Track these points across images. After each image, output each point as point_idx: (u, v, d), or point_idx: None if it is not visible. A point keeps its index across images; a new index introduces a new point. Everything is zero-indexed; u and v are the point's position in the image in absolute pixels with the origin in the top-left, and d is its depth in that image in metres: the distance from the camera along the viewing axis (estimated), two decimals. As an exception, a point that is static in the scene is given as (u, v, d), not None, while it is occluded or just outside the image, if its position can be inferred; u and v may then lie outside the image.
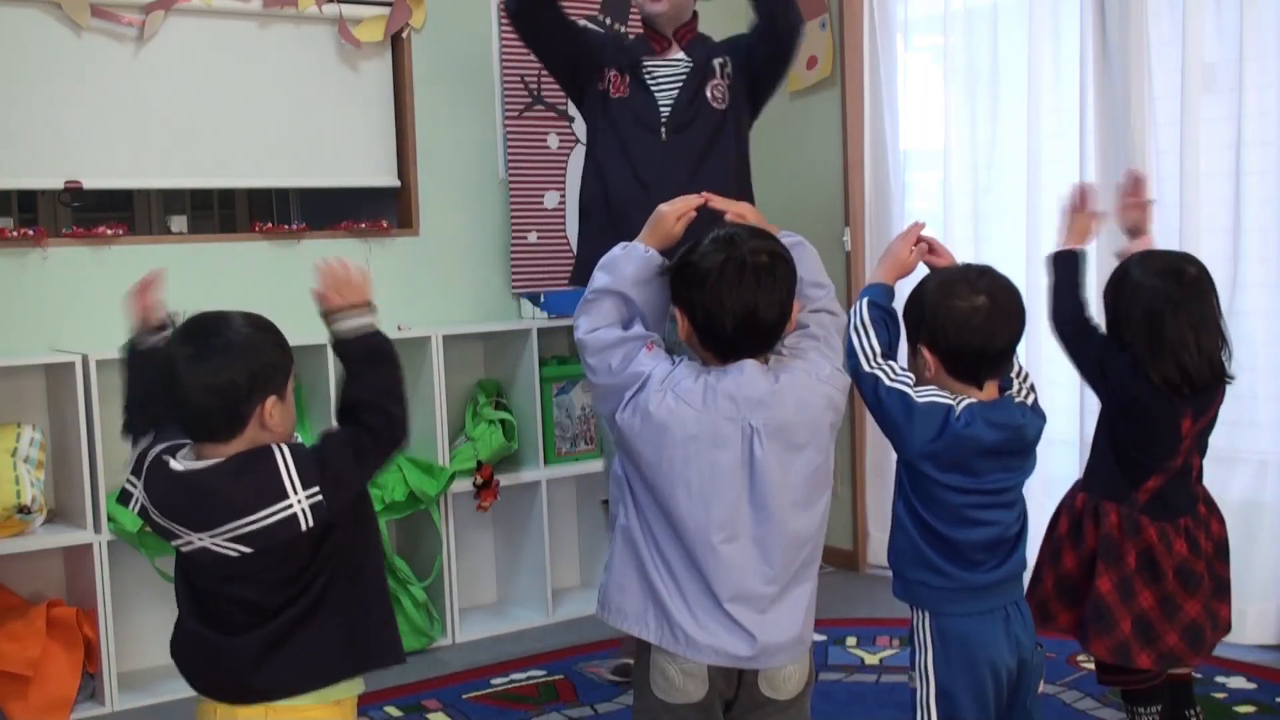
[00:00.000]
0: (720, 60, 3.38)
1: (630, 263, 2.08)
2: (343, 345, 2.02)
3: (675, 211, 2.13)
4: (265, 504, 1.86)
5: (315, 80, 3.82)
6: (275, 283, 3.71)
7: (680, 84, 3.35)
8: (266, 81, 3.75)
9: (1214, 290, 2.40)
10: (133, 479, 1.96)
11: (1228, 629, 2.51)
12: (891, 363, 2.16)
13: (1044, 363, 3.67)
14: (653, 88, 3.35)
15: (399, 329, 3.82)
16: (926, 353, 2.15)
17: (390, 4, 3.88)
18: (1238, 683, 3.11)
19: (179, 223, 3.97)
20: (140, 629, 3.48)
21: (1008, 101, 3.90)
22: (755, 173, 4.59)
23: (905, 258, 2.29)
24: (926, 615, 2.17)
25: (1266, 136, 3.35)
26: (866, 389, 2.16)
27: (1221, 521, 2.51)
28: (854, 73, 4.23)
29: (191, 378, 1.87)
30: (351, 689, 2.00)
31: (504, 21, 4.05)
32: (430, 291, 3.99)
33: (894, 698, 3.15)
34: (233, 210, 4.99)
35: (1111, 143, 3.58)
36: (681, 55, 3.39)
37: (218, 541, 1.87)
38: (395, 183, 3.97)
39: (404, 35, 3.92)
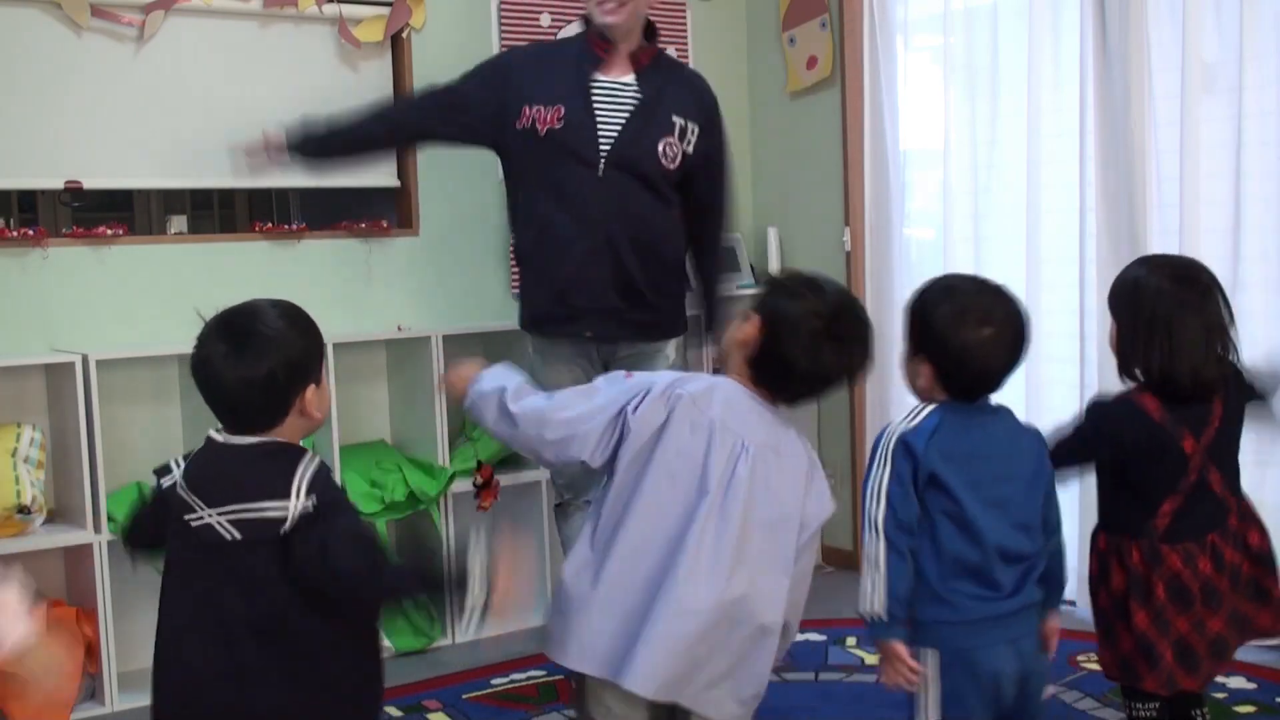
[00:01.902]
0: (691, 123, 3.21)
1: (495, 381, 2.12)
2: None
3: (459, 372, 2.19)
4: (268, 496, 1.87)
5: (315, 80, 3.82)
6: (275, 283, 3.70)
7: (627, 115, 3.16)
8: (266, 81, 3.75)
9: (1224, 294, 2.41)
10: (180, 459, 1.99)
11: (1267, 633, 2.49)
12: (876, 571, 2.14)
13: (1043, 362, 3.68)
14: (597, 113, 3.15)
15: (399, 329, 3.82)
16: (925, 366, 2.17)
17: (390, 4, 3.88)
18: (1238, 683, 3.11)
19: (179, 223, 3.97)
20: (140, 629, 3.47)
21: (1008, 101, 3.89)
22: (755, 173, 4.62)
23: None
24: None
25: (1266, 136, 3.35)
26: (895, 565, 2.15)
27: (1263, 532, 2.47)
28: (854, 73, 4.23)
29: (230, 373, 1.90)
30: None
31: (503, 23, 4.06)
32: (430, 291, 3.99)
33: (894, 697, 3.12)
34: (233, 210, 4.99)
35: (1111, 143, 3.58)
36: (632, 79, 3.20)
37: (221, 521, 1.88)
38: (395, 183, 3.97)
39: (404, 35, 3.92)
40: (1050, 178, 3.79)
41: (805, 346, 2.01)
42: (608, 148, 3.15)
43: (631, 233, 3.15)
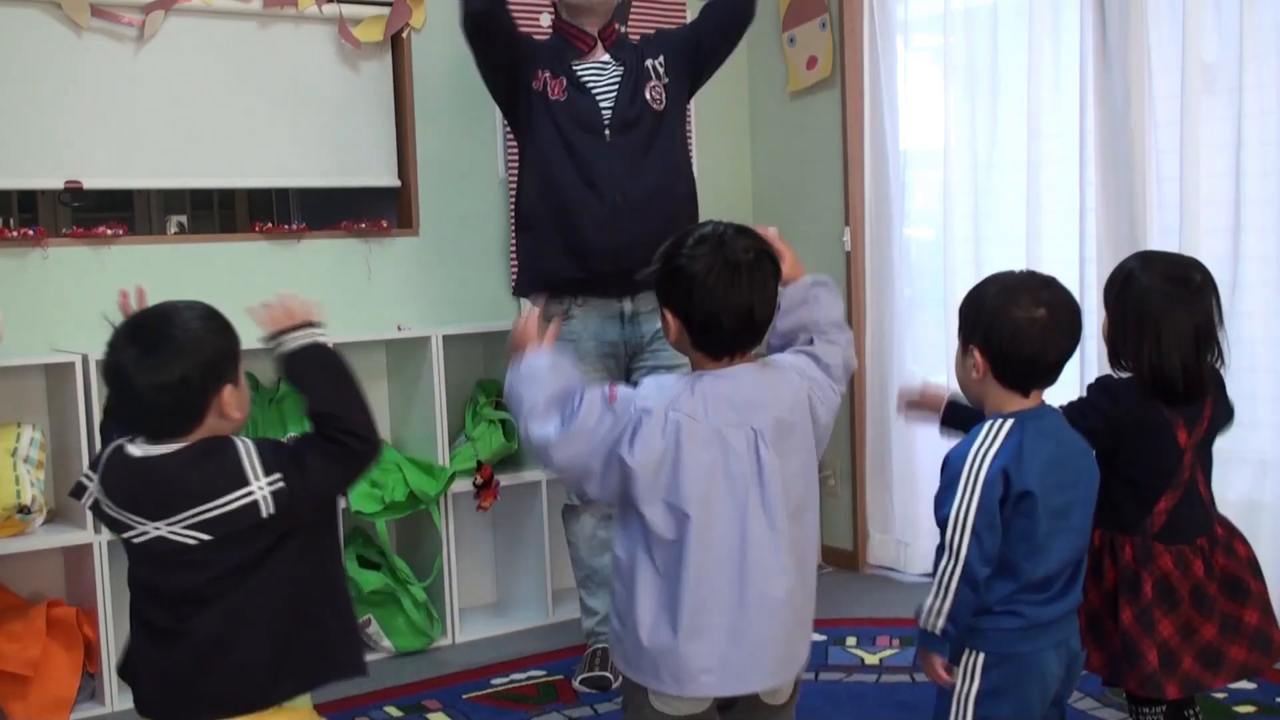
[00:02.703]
0: (655, 61, 3.37)
1: (537, 377, 2.04)
2: (290, 363, 1.98)
3: (528, 331, 2.10)
4: (226, 490, 1.85)
5: (315, 80, 3.82)
6: (275, 283, 3.68)
7: (616, 86, 3.31)
8: (266, 81, 3.75)
9: (1217, 297, 2.40)
10: (89, 473, 1.95)
11: (1275, 650, 2.46)
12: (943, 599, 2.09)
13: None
14: (591, 90, 3.31)
15: (399, 329, 3.82)
16: (978, 355, 2.14)
17: (390, 4, 3.89)
18: (1238, 683, 3.10)
19: (179, 223, 3.97)
20: (140, 629, 3.48)
21: (1008, 101, 3.89)
22: (755, 173, 4.62)
23: None
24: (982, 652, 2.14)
25: (1266, 136, 3.34)
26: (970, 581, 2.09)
27: (1245, 543, 2.48)
28: (854, 73, 4.23)
29: (142, 378, 1.84)
30: (303, 700, 1.97)
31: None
32: (430, 291, 3.99)
33: (894, 698, 3.15)
34: (233, 210, 4.99)
35: (1111, 143, 3.58)
36: (608, 58, 3.36)
37: (175, 530, 1.85)
38: (395, 183, 3.97)
39: (404, 35, 3.92)
40: (1050, 178, 3.78)
41: (710, 289, 1.97)
42: (609, 114, 3.29)
43: (641, 194, 3.25)
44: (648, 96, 3.33)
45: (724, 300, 1.97)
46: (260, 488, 1.86)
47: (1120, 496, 2.40)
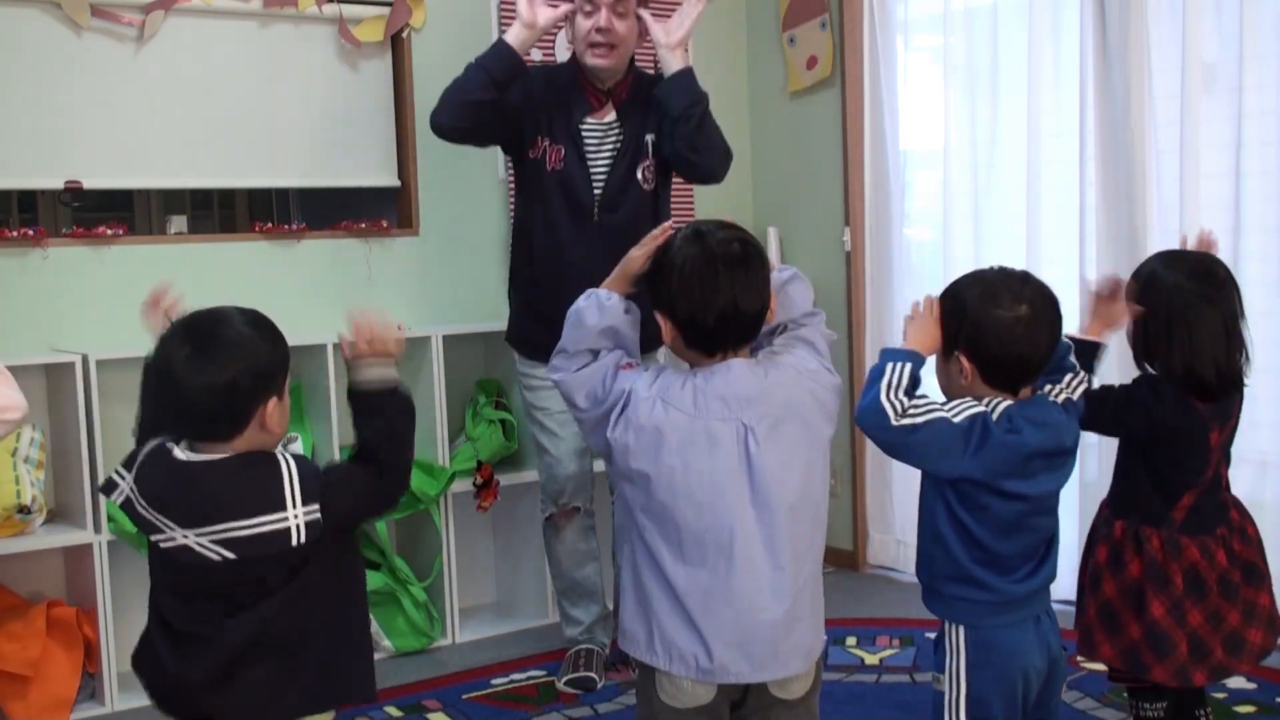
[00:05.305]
0: (652, 136, 3.30)
1: (593, 313, 2.08)
2: (362, 391, 2.02)
3: (644, 254, 2.10)
4: (261, 511, 1.83)
5: (315, 80, 3.82)
6: (275, 283, 3.72)
7: (613, 156, 3.28)
8: (266, 81, 3.75)
9: (1239, 292, 2.42)
10: (122, 470, 1.93)
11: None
12: (914, 404, 2.08)
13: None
14: (588, 158, 3.27)
15: (399, 329, 3.81)
16: (965, 360, 2.12)
17: (390, 4, 3.89)
18: (1237, 683, 3.10)
19: (179, 223, 3.97)
20: (140, 629, 3.47)
21: (1008, 101, 3.90)
22: (755, 173, 4.62)
23: (938, 333, 2.17)
24: (961, 626, 2.15)
25: (1266, 136, 3.35)
26: (897, 436, 2.09)
27: (1253, 523, 2.52)
28: (854, 73, 4.23)
29: (192, 378, 1.84)
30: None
31: (503, 23, 4.06)
32: (430, 291, 3.99)
33: (894, 698, 3.15)
34: (233, 210, 4.99)
35: (1111, 143, 3.58)
36: (614, 118, 3.30)
37: (202, 541, 1.84)
38: (395, 183, 3.97)
39: (404, 35, 3.92)
40: (1050, 178, 3.79)
41: (688, 282, 1.96)
42: (599, 191, 3.27)
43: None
44: (639, 176, 3.29)
45: (703, 293, 1.95)
46: (296, 515, 1.84)
47: (1147, 490, 2.41)
